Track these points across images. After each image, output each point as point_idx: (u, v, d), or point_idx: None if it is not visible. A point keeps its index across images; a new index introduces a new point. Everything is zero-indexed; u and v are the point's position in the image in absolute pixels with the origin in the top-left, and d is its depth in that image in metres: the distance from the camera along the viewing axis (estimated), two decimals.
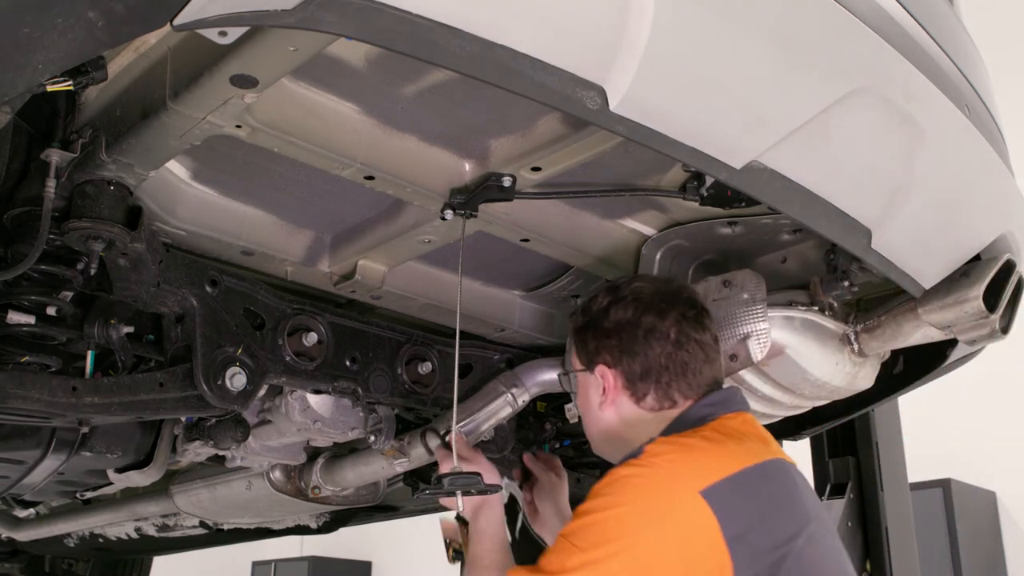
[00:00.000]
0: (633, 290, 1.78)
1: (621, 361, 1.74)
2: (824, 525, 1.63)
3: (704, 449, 1.56)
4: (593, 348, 1.78)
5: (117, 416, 1.92)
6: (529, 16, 1.17)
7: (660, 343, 1.72)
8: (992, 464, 5.89)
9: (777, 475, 1.60)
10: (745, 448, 1.60)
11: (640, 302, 1.75)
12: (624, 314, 1.75)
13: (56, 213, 1.65)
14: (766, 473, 1.58)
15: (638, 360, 1.72)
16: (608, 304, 1.78)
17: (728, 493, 1.48)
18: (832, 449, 3.08)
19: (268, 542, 4.13)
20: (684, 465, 1.52)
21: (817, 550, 1.55)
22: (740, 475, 1.52)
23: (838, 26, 1.40)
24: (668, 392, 1.72)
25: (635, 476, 1.52)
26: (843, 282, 1.89)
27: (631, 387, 1.73)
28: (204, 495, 2.87)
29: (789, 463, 1.66)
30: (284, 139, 1.62)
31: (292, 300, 2.11)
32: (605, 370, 1.75)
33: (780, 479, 1.60)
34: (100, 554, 4.37)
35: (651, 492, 1.50)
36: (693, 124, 1.36)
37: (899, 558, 2.95)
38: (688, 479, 1.49)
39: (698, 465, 1.52)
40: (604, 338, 1.76)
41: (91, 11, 1.02)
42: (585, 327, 1.81)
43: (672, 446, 1.56)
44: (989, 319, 1.78)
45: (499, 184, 1.77)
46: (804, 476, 1.72)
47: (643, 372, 1.72)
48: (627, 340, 1.74)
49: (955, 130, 1.65)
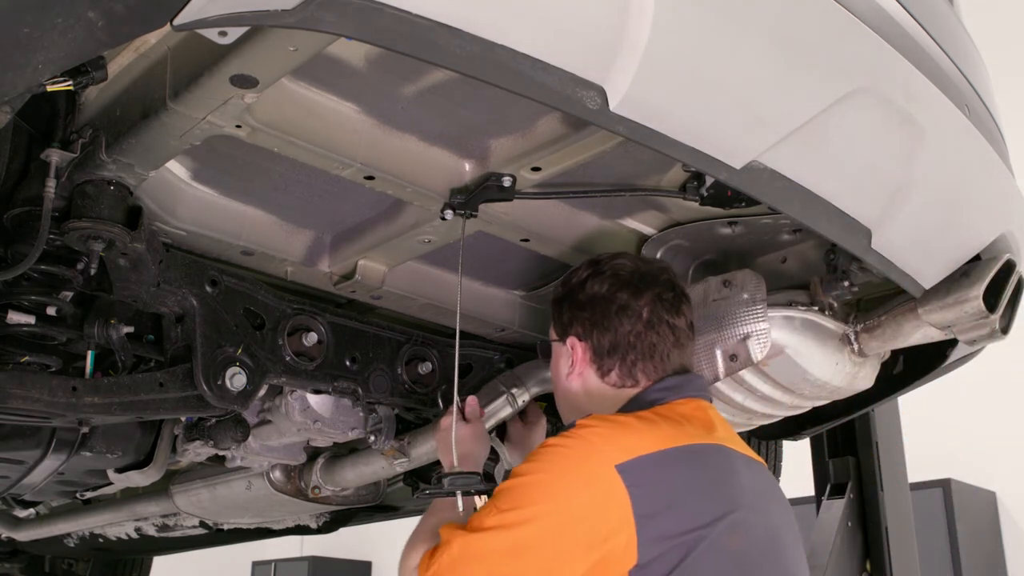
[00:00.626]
0: (613, 266, 1.78)
1: (591, 335, 1.75)
2: (764, 517, 1.62)
3: (632, 427, 1.57)
4: (567, 319, 1.79)
5: (117, 416, 1.92)
6: (529, 16, 1.17)
7: (631, 321, 1.73)
8: (992, 464, 5.89)
9: (706, 459, 1.59)
10: (679, 430, 1.59)
11: (617, 278, 1.76)
12: (600, 288, 1.76)
13: (56, 213, 1.65)
14: (693, 455, 1.57)
15: (607, 336, 1.73)
16: (587, 277, 1.78)
17: (645, 470, 1.49)
18: (832, 449, 3.08)
19: (268, 542, 4.13)
20: (607, 439, 1.53)
21: (742, 540, 1.53)
22: (662, 454, 1.52)
23: (838, 26, 1.40)
24: (632, 371, 1.72)
25: (560, 446, 1.54)
26: (843, 282, 1.89)
27: (597, 361, 1.74)
28: (204, 495, 2.87)
29: (729, 449, 1.64)
30: (284, 139, 1.62)
31: (292, 300, 2.11)
32: (575, 342, 1.76)
33: (709, 463, 1.59)
34: (100, 554, 4.37)
35: (570, 462, 1.52)
36: (693, 124, 1.36)
37: (899, 558, 2.95)
38: (607, 453, 1.50)
39: (621, 441, 1.53)
40: (578, 310, 1.77)
41: (91, 11, 1.02)
42: (562, 299, 1.82)
43: (602, 421, 1.58)
44: (989, 319, 1.78)
45: (499, 184, 1.77)
46: (758, 468, 1.71)
47: (610, 348, 1.73)
48: (599, 314, 1.74)
49: (955, 130, 1.65)
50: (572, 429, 1.57)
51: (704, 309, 1.95)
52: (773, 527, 1.64)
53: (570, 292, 1.81)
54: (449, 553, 1.54)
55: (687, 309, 1.79)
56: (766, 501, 1.66)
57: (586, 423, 1.57)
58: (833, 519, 2.93)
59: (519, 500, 1.51)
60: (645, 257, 2.01)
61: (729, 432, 1.71)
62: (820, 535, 2.92)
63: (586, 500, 1.48)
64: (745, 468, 1.65)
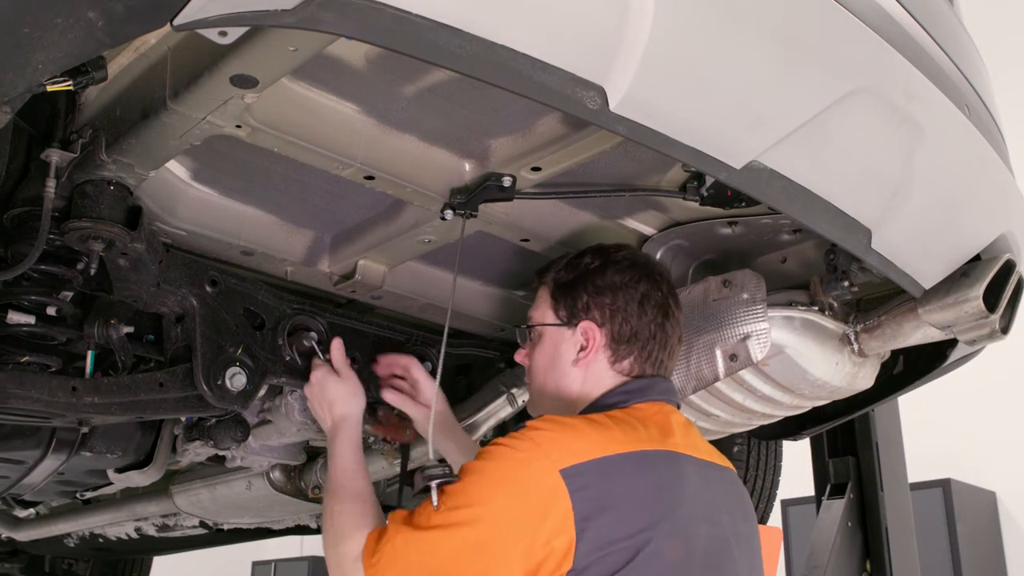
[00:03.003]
0: (627, 256, 1.80)
1: (613, 320, 1.74)
2: (711, 527, 1.59)
3: (580, 430, 1.56)
4: (583, 304, 1.76)
5: (117, 416, 1.92)
6: (529, 16, 1.17)
7: (652, 311, 1.74)
8: (992, 464, 5.90)
9: (652, 465, 1.57)
10: (631, 435, 1.57)
11: (636, 268, 1.77)
12: (621, 277, 1.75)
13: (56, 213, 1.65)
14: (639, 462, 1.55)
15: (630, 323, 1.73)
16: (603, 264, 1.77)
17: (588, 475, 1.48)
18: (832, 449, 3.08)
19: (268, 542, 4.13)
20: (554, 443, 1.51)
21: (682, 550, 1.52)
22: (607, 460, 1.51)
23: (838, 26, 1.40)
24: (646, 361, 1.73)
25: (507, 447, 1.53)
26: (843, 282, 1.89)
27: (614, 348, 1.73)
28: (204, 495, 2.87)
29: (682, 456, 1.62)
30: (284, 139, 1.62)
31: (292, 300, 2.11)
32: (592, 327, 1.74)
33: (654, 470, 1.57)
34: (100, 554, 4.38)
35: (516, 464, 1.51)
36: (693, 124, 1.36)
37: (899, 558, 2.95)
38: (553, 456, 1.49)
39: (568, 444, 1.52)
40: (597, 295, 1.75)
41: (91, 11, 1.02)
42: (574, 282, 1.79)
43: (551, 424, 1.56)
44: (989, 319, 1.78)
45: (499, 184, 1.77)
46: (717, 477, 1.69)
47: (631, 336, 1.73)
48: (622, 301, 1.74)
49: (955, 130, 1.65)
50: (521, 431, 1.56)
51: (704, 309, 1.95)
52: (721, 538, 1.61)
53: (584, 277, 1.78)
54: (392, 545, 1.54)
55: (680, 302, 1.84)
56: (718, 511, 1.63)
57: (536, 425, 1.56)
58: (833, 519, 2.93)
59: (465, 499, 1.51)
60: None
61: (690, 439, 1.69)
62: (820, 535, 2.92)
63: (529, 504, 1.47)
64: (698, 476, 1.63)
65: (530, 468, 1.49)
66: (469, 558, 1.49)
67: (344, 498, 1.79)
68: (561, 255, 1.87)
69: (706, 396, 1.99)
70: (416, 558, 1.52)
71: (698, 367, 1.93)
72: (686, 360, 1.94)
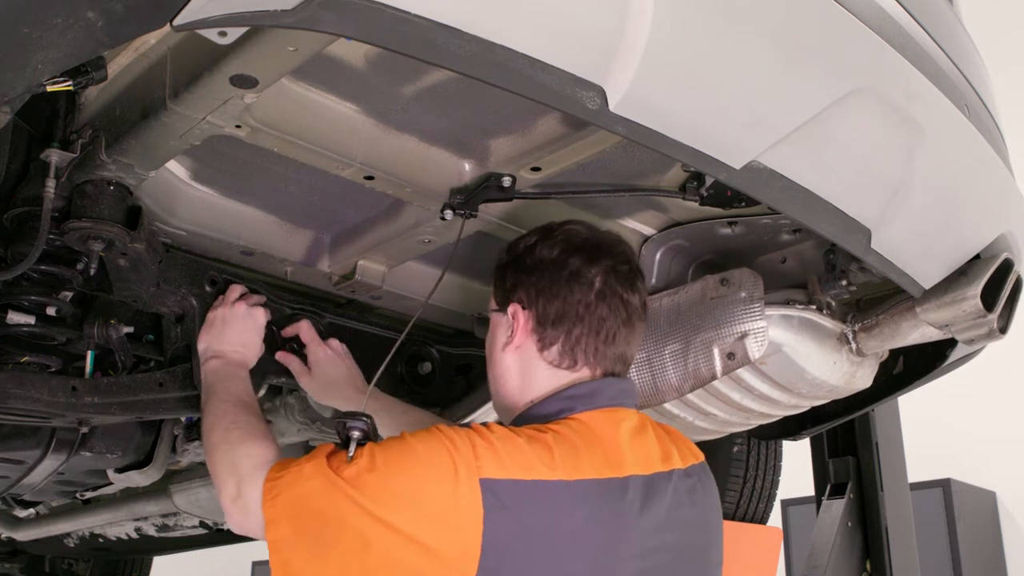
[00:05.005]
0: (565, 231, 1.63)
1: (537, 302, 1.59)
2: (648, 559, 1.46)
3: (519, 445, 1.40)
4: (510, 285, 1.63)
5: (117, 416, 1.92)
6: (529, 16, 1.17)
7: (581, 289, 1.57)
8: (992, 464, 5.90)
9: (587, 500, 1.41)
10: (570, 459, 1.42)
11: (570, 243, 1.61)
12: (549, 253, 1.60)
13: (56, 213, 1.65)
14: (575, 495, 1.40)
15: (554, 303, 1.57)
16: (536, 242, 1.63)
17: (511, 495, 1.35)
18: (832, 449, 3.08)
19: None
20: (487, 451, 1.37)
21: None
22: (538, 484, 1.37)
23: (838, 26, 1.40)
24: (575, 348, 1.56)
25: (443, 435, 1.40)
26: (841, 281, 1.88)
27: (539, 331, 1.58)
28: (203, 494, 2.87)
29: (628, 479, 1.47)
30: (284, 139, 1.63)
31: (292, 300, 2.11)
32: (518, 309, 1.60)
33: (588, 505, 1.41)
34: (100, 554, 4.38)
35: (443, 453, 1.37)
36: (693, 124, 1.36)
37: (899, 558, 2.95)
38: (481, 462, 1.36)
39: (500, 457, 1.37)
40: (523, 274, 1.61)
41: (91, 11, 1.02)
42: (506, 264, 1.66)
43: (495, 430, 1.42)
44: (987, 318, 1.78)
45: (499, 184, 1.77)
46: (669, 490, 1.53)
47: (556, 317, 1.57)
48: (547, 280, 1.59)
49: (955, 130, 1.65)
50: (463, 428, 1.42)
51: (701, 307, 1.95)
52: (658, 566, 1.48)
53: (516, 257, 1.65)
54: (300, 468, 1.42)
55: (641, 286, 1.65)
56: (660, 533, 1.49)
57: (478, 428, 1.42)
58: (833, 519, 2.93)
59: (376, 464, 1.37)
60: (599, 228, 1.77)
61: (642, 448, 1.53)
62: (820, 535, 2.92)
63: (439, 498, 1.34)
64: (640, 501, 1.47)
65: (454, 467, 1.35)
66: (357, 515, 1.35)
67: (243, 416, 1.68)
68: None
69: (704, 395, 1.99)
70: (316, 488, 1.39)
71: (695, 366, 1.93)
72: (683, 359, 1.94)
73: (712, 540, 1.62)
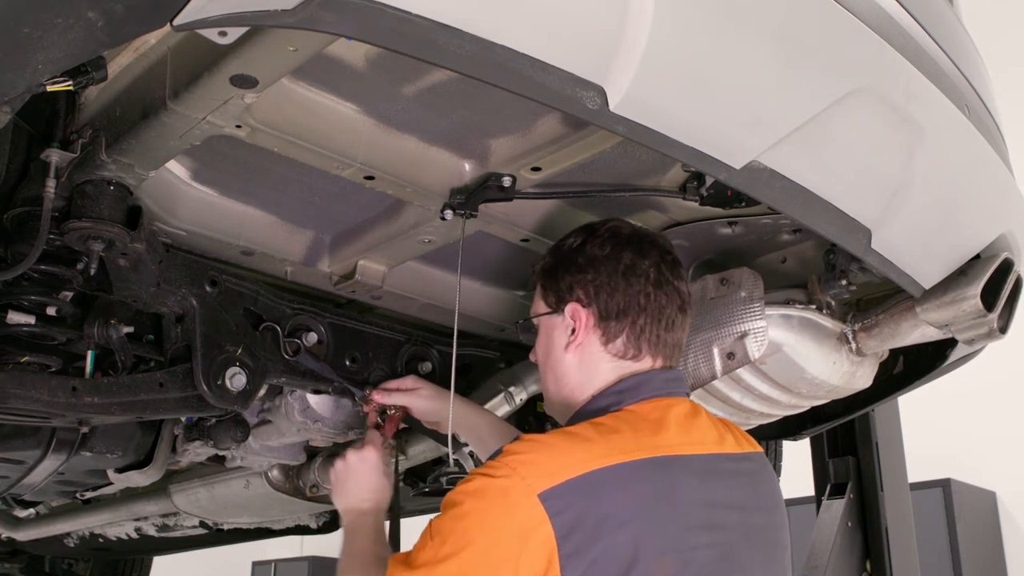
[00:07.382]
0: (610, 228, 1.68)
1: (598, 297, 1.63)
2: (714, 534, 1.50)
3: (558, 447, 1.46)
4: (566, 286, 1.66)
5: (117, 416, 1.92)
6: (529, 16, 1.17)
7: (639, 281, 1.62)
8: (992, 464, 5.89)
9: (641, 477, 1.46)
10: (616, 445, 1.47)
11: (618, 239, 1.66)
12: (601, 250, 1.65)
13: (56, 213, 1.65)
14: (627, 474, 1.45)
15: (616, 297, 1.62)
16: (583, 241, 1.68)
17: (567, 495, 1.40)
18: (832, 449, 3.08)
19: (268, 542, 4.13)
20: (529, 466, 1.43)
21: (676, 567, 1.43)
22: (589, 476, 1.42)
23: (838, 26, 1.40)
24: (639, 338, 1.61)
25: (484, 476, 1.45)
26: (841, 281, 1.89)
27: (603, 326, 1.62)
28: (202, 494, 2.87)
29: (680, 457, 1.52)
30: (284, 139, 1.63)
31: (292, 300, 2.11)
32: (577, 308, 1.64)
33: (644, 482, 1.46)
34: (100, 554, 4.38)
35: (492, 495, 1.43)
36: (693, 124, 1.36)
37: (899, 558, 2.95)
38: (529, 480, 1.40)
39: (544, 465, 1.42)
40: (578, 273, 1.65)
41: (91, 11, 1.02)
42: (555, 266, 1.70)
43: (527, 444, 1.47)
44: (987, 318, 1.78)
45: (499, 184, 1.77)
46: (726, 472, 1.58)
47: (620, 310, 1.62)
48: (605, 275, 1.63)
49: (955, 130, 1.65)
50: (499, 457, 1.46)
51: (701, 307, 1.95)
52: (724, 543, 1.52)
53: (565, 258, 1.69)
54: None
55: (686, 275, 1.71)
56: (723, 511, 1.54)
57: (511, 449, 1.47)
58: (833, 519, 2.93)
59: (448, 535, 1.43)
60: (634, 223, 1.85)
61: (695, 432, 1.58)
62: (820, 535, 2.92)
63: (509, 533, 1.39)
64: (697, 478, 1.53)
65: (508, 497, 1.41)
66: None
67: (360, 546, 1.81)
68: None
69: (703, 395, 1.99)
70: None
71: (695, 365, 1.93)
72: (683, 358, 1.93)
73: (778, 523, 1.65)
